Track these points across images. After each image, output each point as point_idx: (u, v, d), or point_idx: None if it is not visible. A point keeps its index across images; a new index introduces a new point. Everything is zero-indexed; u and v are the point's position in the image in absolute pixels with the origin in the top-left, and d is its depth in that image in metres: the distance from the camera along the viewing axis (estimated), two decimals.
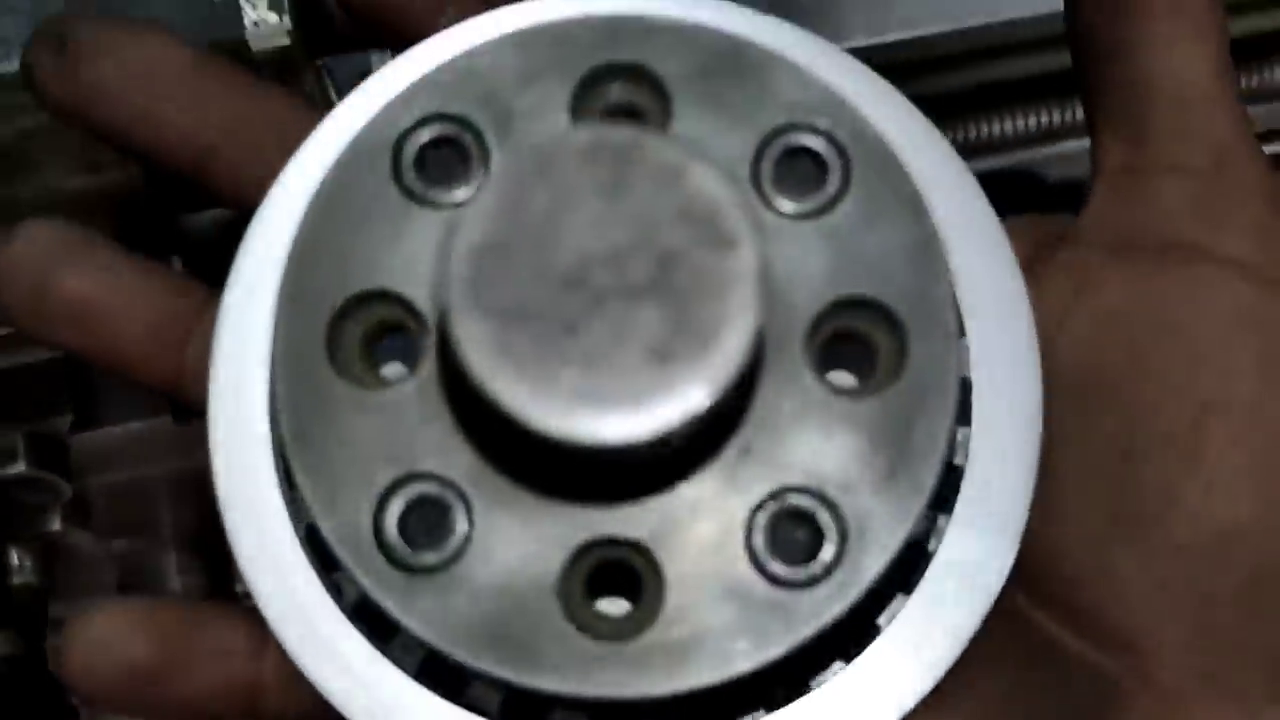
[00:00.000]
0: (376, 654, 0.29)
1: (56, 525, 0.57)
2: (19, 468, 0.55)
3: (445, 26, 0.30)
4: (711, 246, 0.24)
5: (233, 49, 0.42)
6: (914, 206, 0.26)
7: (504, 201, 0.24)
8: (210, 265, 0.36)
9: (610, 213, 0.24)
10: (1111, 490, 0.31)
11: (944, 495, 0.28)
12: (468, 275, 0.23)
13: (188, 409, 0.33)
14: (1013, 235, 0.32)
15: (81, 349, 0.35)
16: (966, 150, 0.52)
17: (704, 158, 0.24)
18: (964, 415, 0.29)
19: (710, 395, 0.23)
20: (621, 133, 0.25)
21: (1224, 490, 0.31)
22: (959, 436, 0.28)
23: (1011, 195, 0.36)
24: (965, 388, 0.29)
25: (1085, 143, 0.34)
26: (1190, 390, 0.31)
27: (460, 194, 0.27)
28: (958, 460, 0.29)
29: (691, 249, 0.24)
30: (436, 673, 0.29)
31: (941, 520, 0.28)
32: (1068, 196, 0.55)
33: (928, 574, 0.28)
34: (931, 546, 0.28)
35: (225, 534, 0.30)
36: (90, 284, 0.35)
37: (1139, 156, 0.33)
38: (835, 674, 0.28)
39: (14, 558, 0.57)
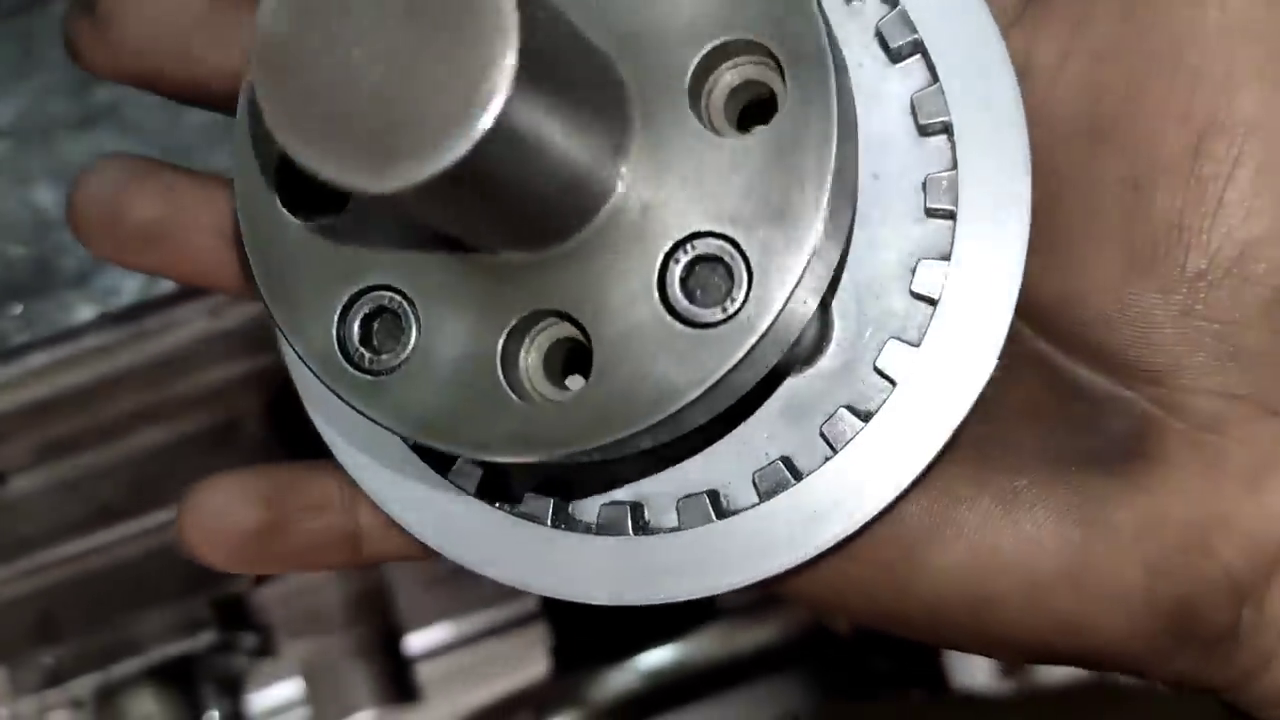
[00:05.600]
0: (439, 479, 0.33)
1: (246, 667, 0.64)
2: (210, 636, 0.63)
3: None
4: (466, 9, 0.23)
5: None
6: None
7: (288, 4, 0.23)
8: None
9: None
10: (1123, 228, 0.31)
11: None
12: (265, 74, 0.23)
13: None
14: None
15: (158, 268, 0.37)
16: None
17: None
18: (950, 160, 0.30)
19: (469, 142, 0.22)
20: None
21: (1234, 210, 0.31)
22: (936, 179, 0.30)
23: None
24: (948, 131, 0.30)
25: None
26: (1189, 114, 0.31)
27: None
28: (946, 205, 0.30)
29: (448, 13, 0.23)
30: (491, 488, 0.32)
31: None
32: None
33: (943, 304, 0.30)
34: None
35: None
36: (159, 205, 0.36)
37: None
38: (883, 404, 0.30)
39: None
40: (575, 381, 0.29)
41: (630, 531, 0.33)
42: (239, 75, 0.33)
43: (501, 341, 0.27)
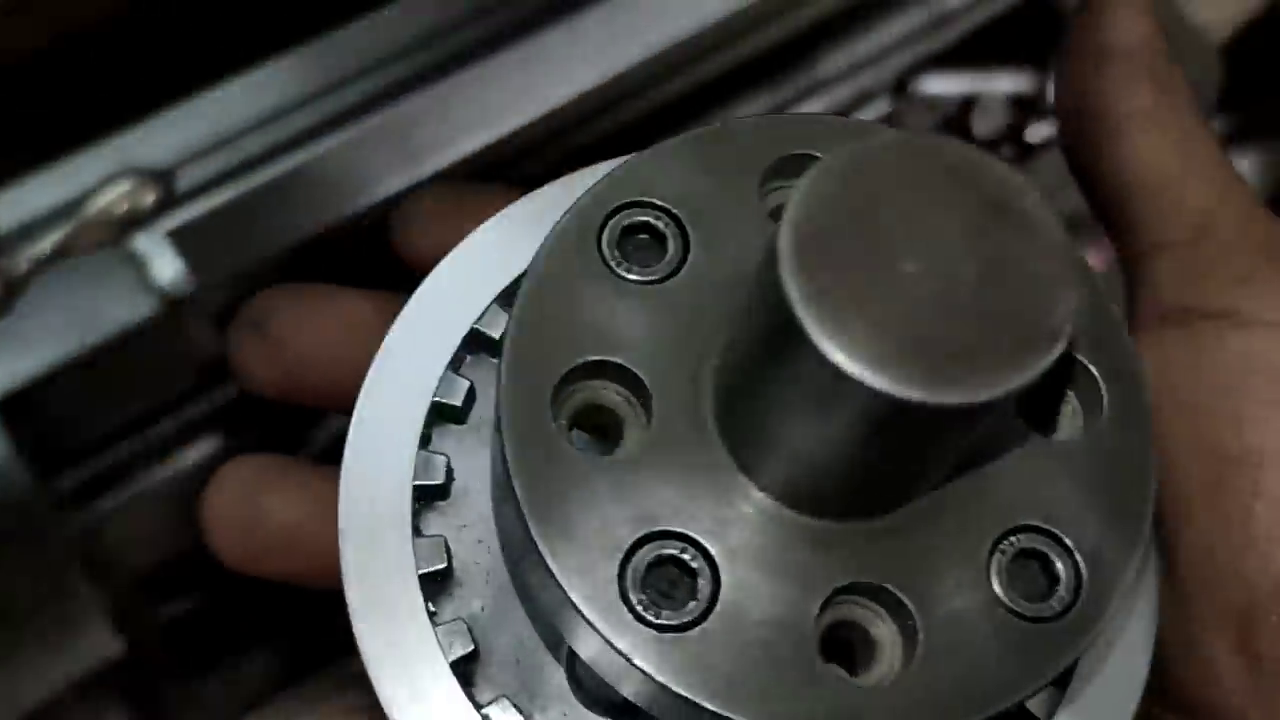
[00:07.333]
0: None
1: None
2: None
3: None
4: (1026, 236, 0.24)
5: None
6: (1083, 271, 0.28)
7: (824, 197, 0.23)
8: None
9: (925, 206, 0.23)
10: (1166, 566, 0.32)
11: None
12: (802, 264, 0.23)
13: None
14: None
15: (292, 574, 0.35)
16: None
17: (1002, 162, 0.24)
18: None
19: (1041, 364, 0.23)
20: (930, 139, 0.25)
21: (1260, 544, 0.30)
22: None
23: None
24: None
25: None
26: (1204, 448, 0.31)
27: (658, 273, 0.28)
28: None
29: (1007, 236, 0.23)
30: None
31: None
32: None
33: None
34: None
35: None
36: (295, 509, 0.35)
37: (1136, 245, 0.35)
38: None
39: None
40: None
41: None
42: None
43: (816, 612, 0.26)
